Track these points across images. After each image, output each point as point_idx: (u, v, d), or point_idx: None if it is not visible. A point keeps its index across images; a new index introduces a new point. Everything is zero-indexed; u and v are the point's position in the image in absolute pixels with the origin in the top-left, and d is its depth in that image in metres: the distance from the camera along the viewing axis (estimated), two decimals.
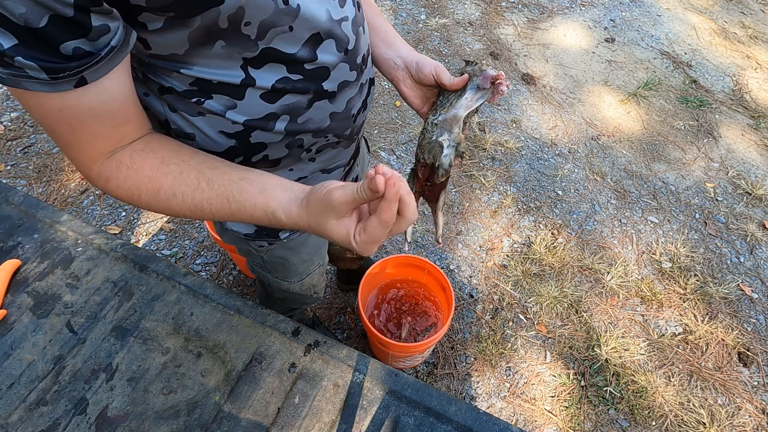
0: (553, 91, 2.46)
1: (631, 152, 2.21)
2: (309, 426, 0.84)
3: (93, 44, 0.40)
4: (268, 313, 0.99)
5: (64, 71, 0.40)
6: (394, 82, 0.74)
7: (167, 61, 0.48)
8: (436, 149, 0.67)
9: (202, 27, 0.45)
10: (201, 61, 0.49)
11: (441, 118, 0.66)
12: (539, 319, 1.65)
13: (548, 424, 1.43)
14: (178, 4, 0.41)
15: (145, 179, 0.50)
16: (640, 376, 1.52)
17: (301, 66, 0.54)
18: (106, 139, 0.48)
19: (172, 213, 0.53)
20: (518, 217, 1.94)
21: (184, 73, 0.49)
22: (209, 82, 0.51)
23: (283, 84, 0.54)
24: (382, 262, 1.35)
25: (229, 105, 0.54)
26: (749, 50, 2.75)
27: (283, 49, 0.51)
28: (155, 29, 0.44)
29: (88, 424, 0.84)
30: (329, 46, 0.55)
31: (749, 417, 1.47)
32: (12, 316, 0.97)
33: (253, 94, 0.53)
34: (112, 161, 0.50)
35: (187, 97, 0.52)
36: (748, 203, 2.04)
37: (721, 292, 1.73)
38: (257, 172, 0.55)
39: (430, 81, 0.68)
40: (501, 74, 0.63)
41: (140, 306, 1.00)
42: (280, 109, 0.56)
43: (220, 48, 0.48)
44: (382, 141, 2.18)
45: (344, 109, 0.63)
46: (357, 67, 0.62)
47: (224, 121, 0.55)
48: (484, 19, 2.83)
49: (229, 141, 0.58)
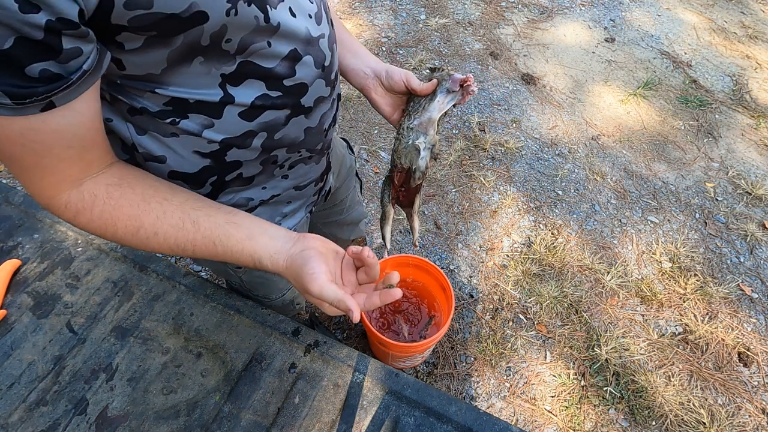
0: (553, 91, 2.46)
1: (631, 152, 2.21)
2: (309, 426, 0.84)
3: (63, 67, 0.37)
4: (268, 313, 0.99)
5: (30, 96, 0.37)
6: (364, 91, 0.75)
7: (141, 81, 0.46)
8: (412, 153, 0.69)
9: (184, 45, 0.43)
10: (178, 80, 0.47)
11: (416, 122, 0.68)
12: (539, 319, 1.65)
13: (548, 424, 1.43)
14: (162, 24, 0.40)
15: (125, 216, 0.49)
16: (640, 376, 1.52)
17: (280, 82, 0.54)
18: (72, 164, 0.45)
19: (149, 250, 0.53)
20: (518, 217, 1.94)
21: (159, 92, 0.47)
22: (186, 101, 0.49)
23: (262, 101, 0.53)
24: (382, 262, 1.35)
25: (206, 124, 0.52)
26: (749, 50, 2.75)
27: (261, 63, 0.51)
28: (133, 49, 0.42)
29: (88, 424, 0.84)
30: (307, 63, 0.56)
31: (749, 417, 1.47)
32: (12, 316, 0.98)
33: (232, 112, 0.52)
34: (83, 193, 0.47)
35: (160, 117, 0.50)
36: (748, 203, 2.04)
37: (721, 292, 1.73)
38: (242, 214, 0.56)
39: (401, 87, 0.70)
40: (469, 76, 0.65)
41: (140, 306, 1.00)
42: (258, 126, 0.56)
43: (199, 64, 0.46)
44: (381, 141, 2.18)
45: (318, 124, 0.64)
46: (331, 83, 0.63)
47: (200, 141, 0.54)
48: (484, 19, 2.83)
49: (204, 161, 0.57)
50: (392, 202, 0.80)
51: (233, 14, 0.44)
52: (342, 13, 2.81)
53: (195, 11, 0.41)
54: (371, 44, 2.62)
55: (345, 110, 2.31)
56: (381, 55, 2.56)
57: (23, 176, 0.44)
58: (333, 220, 1.12)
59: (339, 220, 1.13)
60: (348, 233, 1.25)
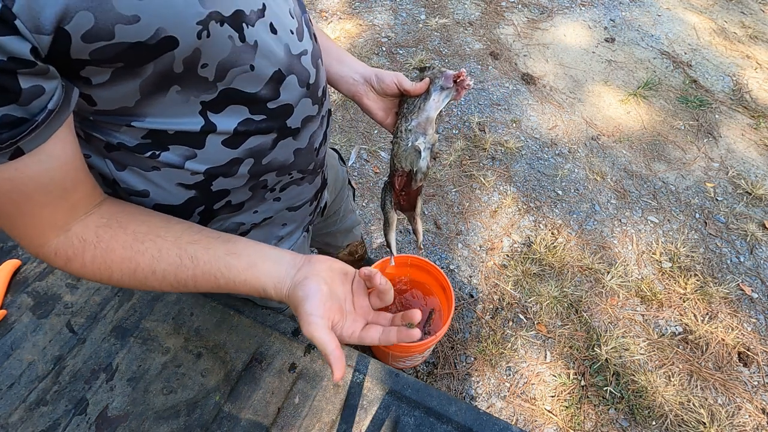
0: (553, 91, 2.46)
1: (631, 152, 2.21)
2: (309, 426, 0.84)
3: (25, 110, 0.35)
4: (268, 313, 0.99)
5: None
6: (355, 98, 0.74)
7: (115, 116, 0.43)
8: (413, 155, 0.68)
9: (155, 74, 0.40)
10: (154, 111, 0.44)
11: (414, 123, 0.67)
12: (539, 319, 1.65)
13: (548, 424, 1.43)
14: (127, 54, 0.37)
15: (118, 259, 0.46)
16: (640, 375, 1.52)
17: (263, 105, 0.51)
18: (55, 209, 0.42)
19: (148, 288, 0.50)
20: (518, 217, 1.94)
21: (136, 126, 0.44)
22: (164, 132, 0.46)
23: (245, 126, 0.51)
24: (382, 262, 1.35)
25: (187, 155, 0.49)
26: (749, 50, 2.75)
27: (245, 89, 0.48)
28: (101, 83, 0.39)
29: (88, 424, 0.84)
30: (292, 83, 0.53)
31: (749, 417, 1.47)
32: (12, 316, 0.98)
33: (215, 141, 0.50)
34: (72, 239, 0.45)
35: (139, 152, 0.47)
36: (748, 203, 2.04)
37: (721, 292, 1.73)
38: (242, 242, 0.53)
39: (393, 90, 0.68)
40: (461, 71, 0.63)
41: (140, 306, 1.00)
42: (244, 153, 0.53)
43: (175, 93, 0.43)
44: (382, 141, 2.18)
45: (307, 144, 0.62)
46: (318, 100, 0.60)
47: (183, 173, 0.51)
48: (484, 19, 2.83)
49: (189, 192, 0.54)
50: (394, 208, 0.79)
51: (205, 36, 0.41)
52: (342, 13, 2.81)
53: (162, 37, 0.38)
54: (371, 44, 2.62)
55: (345, 110, 2.31)
56: (381, 55, 2.56)
57: (8, 226, 0.42)
58: (327, 231, 1.11)
59: (333, 230, 1.12)
60: (341, 240, 1.24)
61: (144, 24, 0.36)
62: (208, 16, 0.40)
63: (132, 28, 0.36)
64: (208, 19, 0.40)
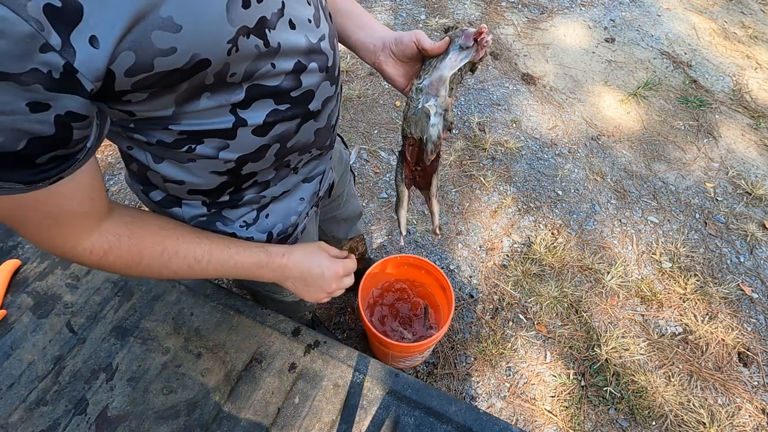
0: (553, 91, 2.46)
1: (631, 152, 2.21)
2: (309, 426, 0.84)
3: (70, 150, 0.39)
4: (268, 313, 0.99)
5: (42, 180, 0.39)
6: (375, 66, 0.72)
7: (153, 122, 0.47)
8: (422, 120, 0.64)
9: (189, 88, 0.44)
10: (188, 116, 0.48)
11: (426, 82, 0.63)
12: (539, 319, 1.65)
13: (548, 424, 1.43)
14: (165, 78, 0.40)
15: (149, 244, 0.53)
16: (640, 376, 1.52)
17: (287, 95, 0.54)
18: (87, 215, 0.47)
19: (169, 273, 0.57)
20: (518, 217, 1.94)
21: (172, 128, 0.48)
22: (199, 131, 0.50)
23: (273, 117, 0.54)
24: (382, 262, 1.35)
25: (221, 146, 0.53)
26: (749, 50, 2.75)
27: (268, 83, 0.51)
28: (139, 101, 0.42)
29: (88, 424, 0.84)
30: (312, 70, 0.55)
31: (749, 417, 1.47)
32: (12, 316, 0.98)
33: (245, 132, 0.53)
34: (105, 235, 0.50)
35: (176, 147, 0.51)
36: (748, 203, 2.04)
37: (721, 292, 1.73)
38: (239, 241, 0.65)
39: (412, 49, 0.66)
40: (483, 27, 0.60)
41: (140, 306, 1.00)
42: (272, 139, 0.57)
43: (206, 99, 0.47)
44: (382, 141, 2.18)
45: (326, 123, 0.64)
46: (335, 79, 0.62)
47: (216, 162, 0.55)
48: (484, 19, 2.83)
49: (221, 178, 0.58)
50: (406, 183, 0.75)
51: (234, 52, 0.44)
52: None
53: (197, 61, 0.41)
54: None
55: (345, 110, 2.31)
56: None
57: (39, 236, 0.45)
58: (331, 215, 1.13)
59: (336, 215, 1.14)
60: (345, 231, 1.25)
61: (180, 53, 0.39)
62: (236, 33, 0.43)
63: (169, 59, 0.39)
64: (237, 36, 0.43)
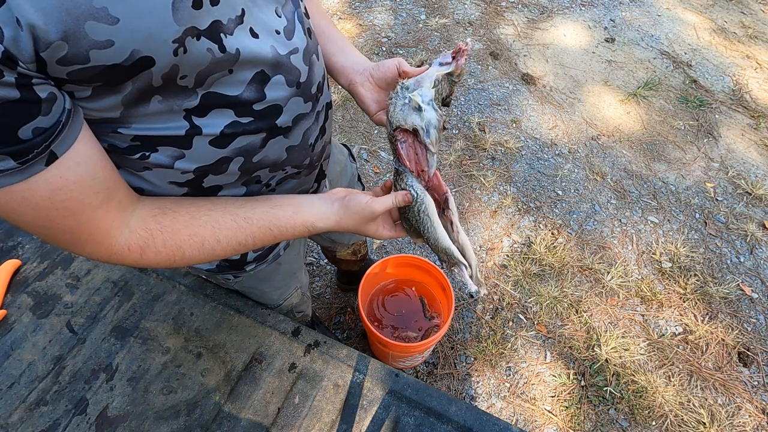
0: (553, 91, 2.46)
1: (631, 152, 2.21)
2: (309, 426, 0.84)
3: (50, 118, 0.37)
4: (268, 313, 0.99)
5: (31, 150, 0.37)
6: (350, 87, 0.72)
7: (103, 124, 0.45)
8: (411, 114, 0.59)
9: (135, 90, 0.42)
10: (139, 119, 0.45)
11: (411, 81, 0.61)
12: (539, 319, 1.65)
13: (548, 424, 1.43)
14: (105, 74, 0.38)
15: (186, 236, 0.51)
16: (640, 376, 1.52)
17: (249, 108, 0.51)
18: (108, 209, 0.45)
19: (215, 258, 0.55)
20: (518, 217, 1.94)
21: (123, 132, 0.46)
22: (151, 136, 0.47)
23: (232, 129, 0.51)
24: (382, 262, 1.35)
25: (176, 155, 0.50)
26: (749, 50, 2.75)
27: (226, 92, 0.48)
28: (84, 97, 0.40)
29: (88, 424, 0.84)
30: (278, 83, 0.52)
31: (749, 417, 1.47)
32: (12, 316, 0.98)
33: (202, 142, 0.50)
34: (137, 231, 0.48)
35: (129, 153, 0.48)
36: (748, 203, 2.04)
37: (721, 292, 1.73)
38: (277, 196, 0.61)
39: (393, 72, 0.67)
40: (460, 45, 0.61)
41: (140, 306, 1.00)
42: (233, 152, 0.54)
43: (157, 103, 0.44)
44: (381, 141, 2.18)
45: (301, 141, 0.62)
46: (312, 97, 0.60)
47: (173, 172, 0.52)
48: (484, 19, 2.83)
49: (182, 189, 0.56)
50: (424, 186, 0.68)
51: (182, 52, 0.41)
52: (342, 13, 2.81)
53: (138, 58, 0.39)
54: (371, 44, 2.62)
55: (345, 110, 2.31)
56: (381, 55, 2.56)
57: (73, 241, 0.44)
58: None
59: None
60: (348, 237, 1.24)
61: (118, 47, 0.37)
62: (183, 33, 0.40)
63: (106, 52, 0.37)
64: (184, 36, 0.41)
